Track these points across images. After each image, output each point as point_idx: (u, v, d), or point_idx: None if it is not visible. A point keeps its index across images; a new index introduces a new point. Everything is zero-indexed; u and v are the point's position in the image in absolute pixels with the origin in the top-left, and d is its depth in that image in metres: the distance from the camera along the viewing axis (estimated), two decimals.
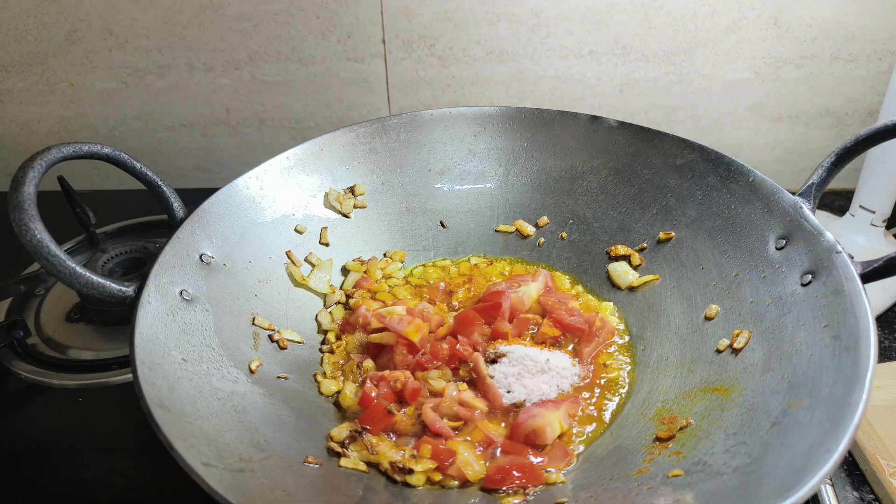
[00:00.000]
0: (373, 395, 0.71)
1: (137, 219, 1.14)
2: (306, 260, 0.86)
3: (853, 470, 0.73)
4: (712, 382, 0.69)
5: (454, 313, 0.83)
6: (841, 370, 0.56)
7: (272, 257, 0.83)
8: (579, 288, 0.89)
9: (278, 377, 0.73)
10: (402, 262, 0.92)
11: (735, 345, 0.70)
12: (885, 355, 0.86)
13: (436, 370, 0.74)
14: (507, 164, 0.95)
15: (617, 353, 0.79)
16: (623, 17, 1.09)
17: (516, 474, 0.63)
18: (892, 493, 0.67)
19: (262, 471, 0.57)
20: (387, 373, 0.73)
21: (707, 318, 0.76)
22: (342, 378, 0.76)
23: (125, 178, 0.75)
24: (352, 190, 0.91)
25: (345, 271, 0.90)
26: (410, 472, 0.64)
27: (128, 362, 0.63)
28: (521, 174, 0.95)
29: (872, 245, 1.00)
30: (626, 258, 0.87)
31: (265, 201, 0.83)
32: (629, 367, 0.77)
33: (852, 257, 0.63)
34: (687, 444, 0.62)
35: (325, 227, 0.89)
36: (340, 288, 0.88)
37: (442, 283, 0.89)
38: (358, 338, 0.80)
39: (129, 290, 0.63)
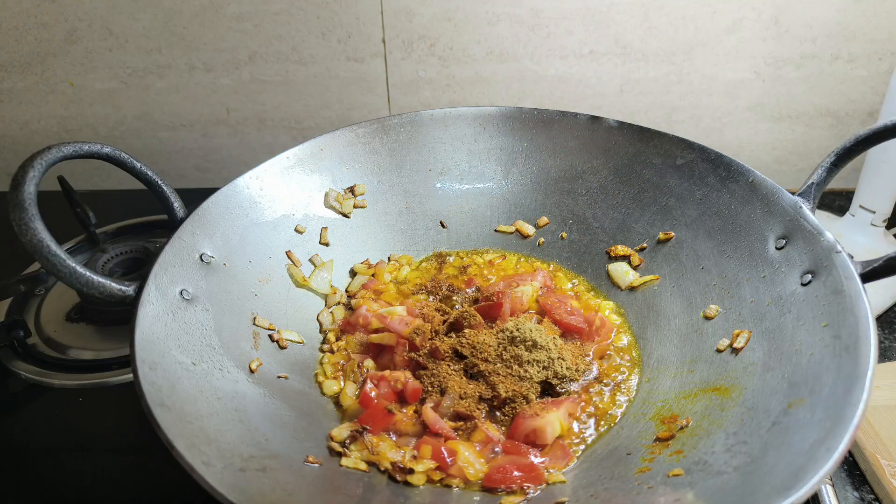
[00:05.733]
0: (373, 394, 0.71)
1: (137, 219, 1.14)
2: (310, 261, 0.86)
3: (853, 470, 0.73)
4: (712, 382, 0.69)
5: (454, 312, 0.83)
6: (841, 370, 0.56)
7: (272, 257, 0.83)
8: (581, 287, 0.89)
9: (278, 377, 0.73)
10: (409, 266, 0.93)
11: (735, 344, 0.70)
12: (885, 355, 0.86)
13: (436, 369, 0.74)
14: (506, 165, 0.95)
15: (617, 353, 0.79)
16: (623, 17, 1.09)
17: (517, 474, 0.63)
18: (892, 493, 0.67)
19: (262, 470, 0.57)
20: (387, 373, 0.73)
21: (707, 318, 0.76)
22: (342, 378, 0.77)
23: (125, 178, 0.75)
24: (352, 190, 0.91)
25: (352, 273, 0.90)
26: (411, 471, 0.64)
27: (128, 362, 0.63)
28: (520, 174, 0.95)
29: (872, 245, 1.00)
30: (626, 258, 0.87)
31: (265, 201, 0.83)
32: (629, 367, 0.77)
33: (852, 257, 0.63)
34: (687, 443, 0.62)
35: (325, 227, 0.89)
36: (346, 289, 0.88)
37: (449, 283, 0.89)
38: (358, 338, 0.80)
39: (129, 289, 0.63)
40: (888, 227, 1.02)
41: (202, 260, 0.73)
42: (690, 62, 1.13)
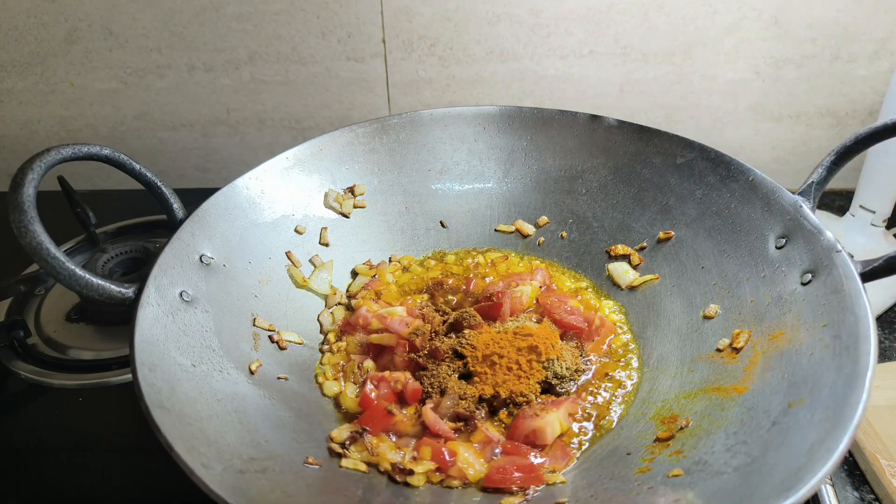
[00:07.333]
0: (373, 395, 0.71)
1: (137, 219, 1.15)
2: (309, 261, 0.86)
3: (853, 470, 0.73)
4: (712, 382, 0.69)
5: (454, 313, 0.83)
6: (841, 370, 0.56)
7: (272, 258, 0.82)
8: (582, 284, 0.89)
9: (278, 378, 0.73)
10: (409, 267, 0.93)
11: (735, 344, 0.69)
12: (885, 355, 0.86)
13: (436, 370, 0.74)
14: (506, 164, 0.95)
15: (616, 353, 0.79)
16: (623, 17, 1.09)
17: (517, 474, 0.63)
18: (892, 493, 0.67)
19: (262, 472, 0.57)
20: (387, 374, 0.73)
21: (707, 318, 0.76)
22: (342, 379, 0.76)
23: (125, 179, 0.75)
24: (351, 190, 0.91)
25: (353, 274, 0.90)
26: (411, 472, 0.64)
27: (128, 362, 0.63)
28: (520, 174, 0.95)
29: (872, 245, 1.00)
30: (626, 258, 0.87)
31: (265, 201, 0.83)
32: (629, 367, 0.77)
33: (852, 256, 0.63)
34: (687, 443, 0.62)
35: (325, 228, 0.89)
36: (347, 289, 0.88)
37: (450, 280, 0.89)
38: (358, 338, 0.80)
39: (128, 291, 0.63)
40: (888, 227, 1.02)
41: (202, 261, 0.73)
42: (690, 62, 1.13)
